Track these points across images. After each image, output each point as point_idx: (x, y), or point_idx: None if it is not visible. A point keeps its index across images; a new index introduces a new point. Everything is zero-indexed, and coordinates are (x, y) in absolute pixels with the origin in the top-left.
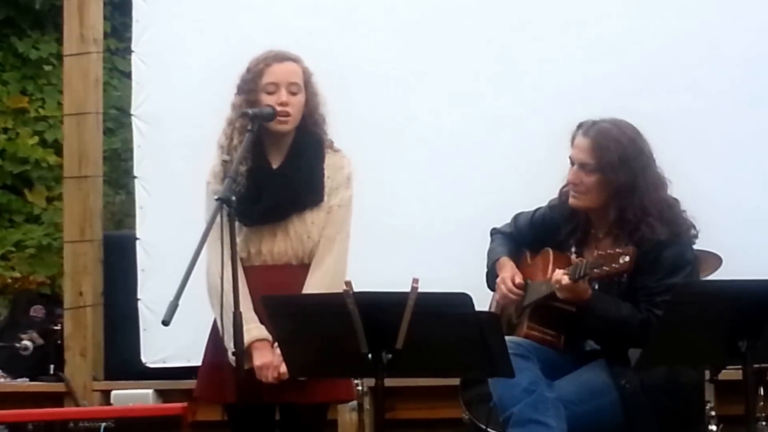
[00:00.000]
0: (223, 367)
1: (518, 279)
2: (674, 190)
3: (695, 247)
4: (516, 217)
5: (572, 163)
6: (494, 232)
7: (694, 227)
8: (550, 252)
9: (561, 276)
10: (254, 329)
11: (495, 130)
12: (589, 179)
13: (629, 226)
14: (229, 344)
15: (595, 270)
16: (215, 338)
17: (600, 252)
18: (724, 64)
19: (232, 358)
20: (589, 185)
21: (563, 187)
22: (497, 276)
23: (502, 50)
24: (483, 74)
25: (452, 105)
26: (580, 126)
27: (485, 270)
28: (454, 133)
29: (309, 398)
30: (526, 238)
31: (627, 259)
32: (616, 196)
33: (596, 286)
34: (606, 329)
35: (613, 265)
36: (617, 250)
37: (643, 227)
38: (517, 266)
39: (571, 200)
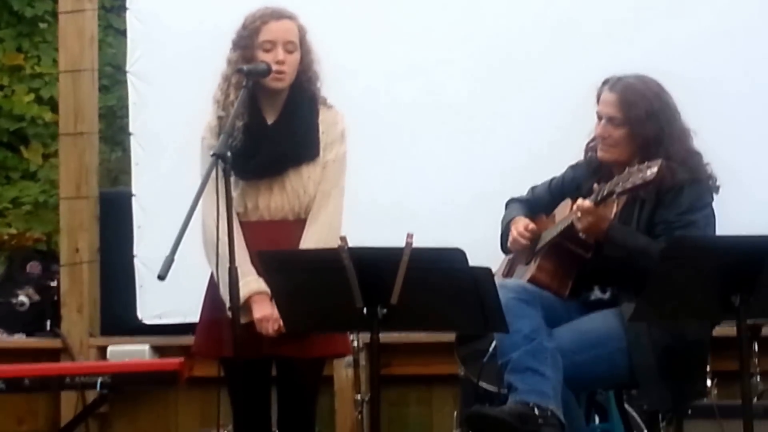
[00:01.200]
0: (221, 322)
1: (531, 226)
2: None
3: None
4: (532, 188)
5: (599, 118)
6: (510, 201)
7: (716, 180)
8: (569, 200)
9: (582, 200)
10: (253, 282)
11: (500, 99)
12: (618, 132)
13: None
14: (227, 297)
15: (621, 184)
16: (212, 293)
17: (629, 169)
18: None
19: (230, 312)
20: (617, 138)
21: (589, 142)
22: None
23: (514, 15)
24: (487, 41)
25: (453, 73)
26: (606, 82)
27: (499, 233)
28: (456, 99)
29: (308, 352)
30: (544, 204)
31: (654, 170)
32: (643, 148)
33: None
34: (626, 257)
35: (641, 176)
36: (645, 163)
37: (666, 173)
38: (534, 224)
39: (600, 153)
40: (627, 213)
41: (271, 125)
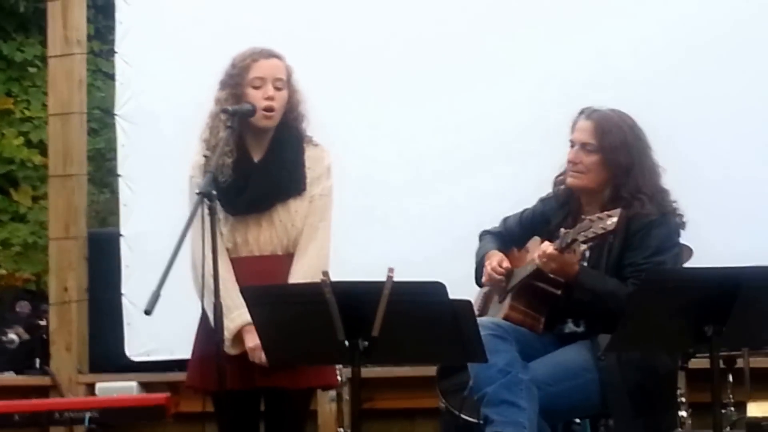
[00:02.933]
0: (213, 356)
1: (505, 263)
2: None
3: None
4: (505, 219)
5: (572, 145)
6: (483, 233)
7: (682, 216)
8: (538, 239)
9: (547, 246)
10: (245, 313)
11: (479, 117)
12: (589, 159)
13: (622, 203)
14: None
15: (582, 233)
16: (204, 328)
17: (589, 218)
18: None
19: (227, 342)
20: (588, 165)
21: (558, 176)
22: None
23: (492, 37)
24: (468, 63)
25: (431, 97)
26: (582, 111)
27: (474, 267)
28: (436, 119)
29: (300, 383)
30: (516, 236)
31: (614, 219)
32: (614, 177)
33: (585, 264)
34: (594, 303)
35: (601, 226)
36: (605, 213)
37: (635, 203)
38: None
39: (569, 180)
40: (596, 254)
41: (258, 162)
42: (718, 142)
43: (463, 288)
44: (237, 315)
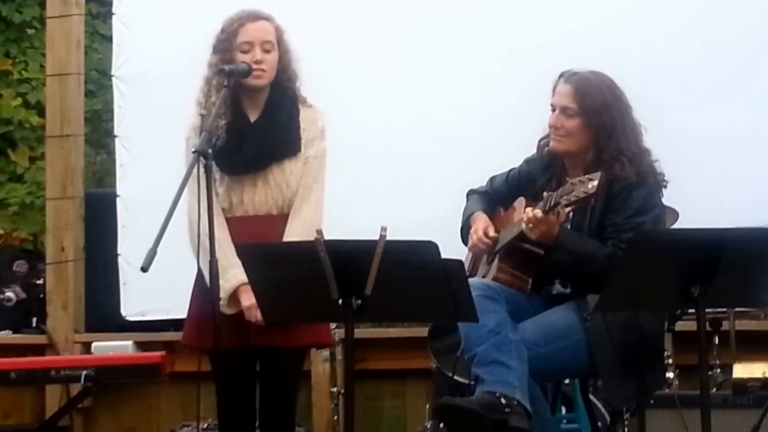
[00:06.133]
0: (209, 315)
1: (491, 231)
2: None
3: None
4: (491, 179)
5: (553, 109)
6: (470, 192)
7: (663, 176)
8: (523, 200)
9: (532, 210)
10: (240, 273)
11: (469, 84)
12: (570, 123)
13: (605, 165)
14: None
15: (565, 197)
16: (200, 287)
17: (571, 181)
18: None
19: (223, 302)
20: (569, 128)
21: (542, 138)
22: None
23: (482, 10)
24: (458, 31)
25: (424, 60)
26: (561, 75)
27: (460, 225)
28: (425, 85)
29: (294, 341)
30: (502, 196)
31: (595, 183)
32: (596, 139)
33: (568, 226)
34: (574, 263)
35: (582, 190)
36: (586, 176)
37: (616, 165)
38: (492, 221)
39: (551, 144)
40: (579, 217)
41: (254, 122)
42: (703, 104)
43: (454, 248)
44: (232, 275)
